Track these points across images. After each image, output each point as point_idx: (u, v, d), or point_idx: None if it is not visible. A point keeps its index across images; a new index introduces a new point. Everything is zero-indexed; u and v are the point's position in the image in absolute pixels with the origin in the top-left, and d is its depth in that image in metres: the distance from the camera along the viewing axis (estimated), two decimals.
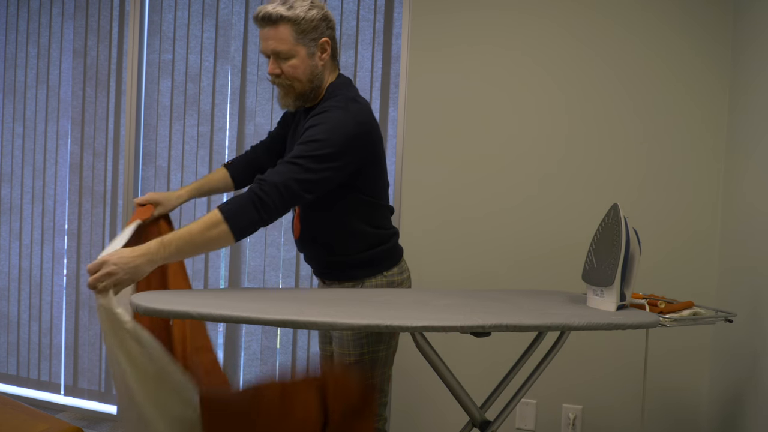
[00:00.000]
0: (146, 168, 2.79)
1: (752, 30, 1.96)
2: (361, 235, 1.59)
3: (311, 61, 1.50)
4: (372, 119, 1.53)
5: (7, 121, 3.02)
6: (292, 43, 1.46)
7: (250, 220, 1.36)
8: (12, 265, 3.02)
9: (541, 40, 2.28)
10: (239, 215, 1.34)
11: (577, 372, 2.27)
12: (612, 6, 2.22)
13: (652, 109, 2.20)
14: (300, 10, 1.45)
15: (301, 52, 1.48)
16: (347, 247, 1.60)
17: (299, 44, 1.47)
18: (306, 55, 1.49)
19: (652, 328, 1.40)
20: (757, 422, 1.75)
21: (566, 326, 1.31)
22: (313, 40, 1.49)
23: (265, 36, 1.47)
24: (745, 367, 1.87)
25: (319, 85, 1.54)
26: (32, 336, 2.98)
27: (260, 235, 2.64)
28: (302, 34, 1.47)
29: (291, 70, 1.49)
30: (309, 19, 1.46)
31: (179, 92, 2.74)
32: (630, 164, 2.22)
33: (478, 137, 2.34)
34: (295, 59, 1.48)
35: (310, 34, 1.48)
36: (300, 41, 1.47)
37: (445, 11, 2.36)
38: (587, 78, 2.25)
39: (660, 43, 2.18)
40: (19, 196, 3.00)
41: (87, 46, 2.86)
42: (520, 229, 2.32)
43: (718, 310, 1.58)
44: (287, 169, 1.39)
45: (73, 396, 2.91)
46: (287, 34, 1.45)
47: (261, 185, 1.37)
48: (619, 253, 1.46)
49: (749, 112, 1.96)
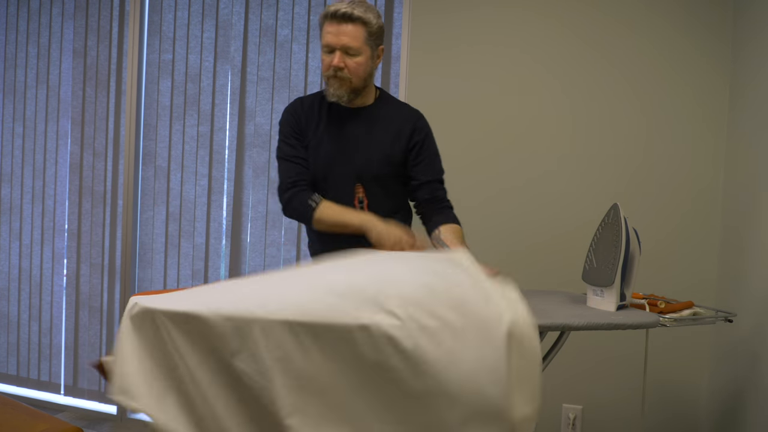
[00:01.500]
0: (146, 168, 2.79)
1: (752, 28, 1.96)
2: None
3: (371, 63, 1.67)
4: None
5: (7, 121, 3.02)
6: (363, 42, 1.61)
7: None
8: (12, 265, 3.02)
9: (541, 38, 2.28)
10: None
11: (577, 372, 2.27)
12: (612, 4, 2.22)
13: (652, 109, 2.20)
14: (372, 16, 1.63)
15: (366, 53, 1.64)
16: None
17: (367, 45, 1.63)
18: (369, 56, 1.65)
19: (652, 328, 1.40)
20: (757, 422, 1.75)
21: (566, 326, 1.31)
22: (377, 45, 1.67)
23: (339, 31, 1.59)
24: (744, 367, 1.87)
25: (367, 85, 1.70)
26: (32, 336, 2.98)
27: (260, 235, 2.64)
28: (371, 38, 1.63)
29: (355, 66, 1.62)
30: (378, 26, 1.65)
31: (179, 92, 2.74)
32: (630, 163, 2.22)
33: (478, 137, 2.34)
34: (360, 57, 1.62)
35: (376, 39, 1.66)
36: (368, 43, 1.63)
37: (445, 11, 2.36)
38: (586, 76, 2.25)
39: (660, 41, 2.18)
40: (19, 196, 3.00)
41: (87, 46, 2.86)
42: (520, 229, 2.32)
43: (718, 310, 1.58)
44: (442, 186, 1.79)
45: (73, 396, 2.91)
46: (361, 33, 1.60)
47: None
48: (619, 253, 1.46)
49: (749, 110, 1.96)
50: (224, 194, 2.71)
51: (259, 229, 2.65)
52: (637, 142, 2.21)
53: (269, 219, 2.63)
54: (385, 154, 1.70)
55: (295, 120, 1.75)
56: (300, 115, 1.75)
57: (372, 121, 1.72)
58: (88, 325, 2.88)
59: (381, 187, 1.72)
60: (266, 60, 2.61)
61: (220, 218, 2.72)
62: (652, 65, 2.19)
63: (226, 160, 2.69)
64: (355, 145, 1.70)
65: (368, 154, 1.70)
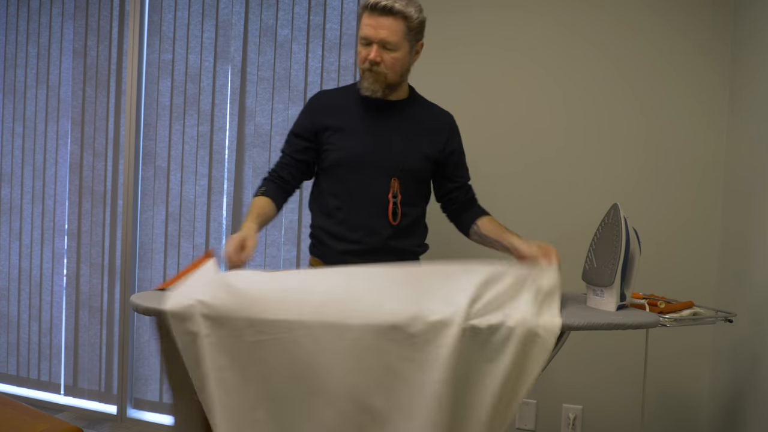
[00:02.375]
0: (146, 168, 2.79)
1: (752, 28, 1.96)
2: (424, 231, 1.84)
3: (409, 58, 1.62)
4: None
5: (7, 121, 3.02)
6: (402, 37, 1.56)
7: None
8: (12, 265, 3.02)
9: (539, 38, 2.28)
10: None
11: (577, 372, 2.27)
12: (612, 3, 2.21)
13: (652, 108, 2.20)
14: (413, 10, 1.56)
15: (405, 48, 1.59)
16: (420, 240, 1.81)
17: (406, 40, 1.57)
18: (408, 51, 1.60)
19: (652, 328, 1.40)
20: (758, 422, 1.75)
21: (566, 326, 1.31)
22: (417, 40, 1.62)
23: (378, 24, 1.53)
24: (745, 367, 1.87)
25: (403, 81, 1.67)
26: (32, 336, 2.98)
27: (260, 235, 2.63)
28: (410, 32, 1.57)
29: (393, 61, 1.57)
30: (419, 20, 1.58)
31: (179, 92, 2.74)
32: (630, 163, 2.22)
33: (476, 138, 2.34)
34: (398, 52, 1.57)
35: (416, 35, 1.60)
36: (407, 38, 1.57)
37: (445, 10, 2.36)
38: (585, 76, 2.24)
39: (659, 41, 2.18)
40: (19, 196, 3.00)
41: (87, 46, 2.86)
42: (520, 229, 2.32)
43: (718, 310, 1.58)
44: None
45: (73, 396, 2.91)
46: (400, 28, 1.54)
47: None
48: (619, 253, 1.46)
49: (749, 109, 1.95)
50: (224, 194, 2.71)
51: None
52: (637, 141, 2.21)
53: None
54: (422, 151, 1.69)
55: (309, 118, 1.72)
56: (318, 111, 1.71)
57: (408, 117, 1.71)
58: (88, 325, 2.88)
59: (414, 183, 1.71)
60: (266, 60, 2.61)
61: (220, 218, 2.72)
62: (651, 65, 2.19)
63: (226, 160, 2.69)
64: (392, 138, 1.68)
65: (406, 149, 1.68)
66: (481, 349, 1.22)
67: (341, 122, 1.68)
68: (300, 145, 1.74)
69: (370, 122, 1.68)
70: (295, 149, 1.74)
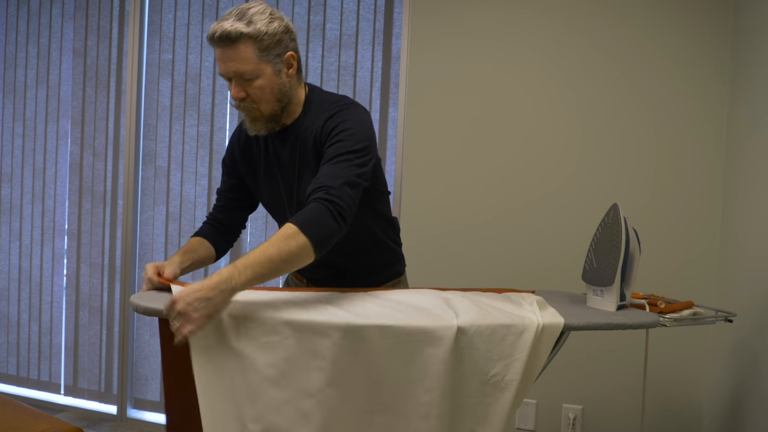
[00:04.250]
0: (146, 168, 2.79)
1: (752, 27, 1.96)
2: (381, 247, 1.58)
3: (278, 80, 1.35)
4: None
5: (7, 121, 3.02)
6: (256, 62, 1.31)
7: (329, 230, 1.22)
8: (12, 265, 3.02)
9: (539, 37, 2.28)
10: (316, 223, 1.20)
11: (577, 372, 2.27)
12: (612, 3, 2.21)
13: (652, 108, 2.20)
14: (261, 24, 1.29)
15: (266, 71, 1.33)
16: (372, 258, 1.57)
17: (264, 62, 1.32)
18: (272, 73, 1.34)
19: (652, 328, 1.40)
20: (758, 422, 1.75)
21: (566, 326, 1.31)
22: (278, 56, 1.34)
23: (225, 57, 1.30)
24: (745, 367, 1.87)
25: (288, 103, 1.40)
26: (32, 336, 2.98)
27: (260, 235, 2.64)
28: (266, 51, 1.31)
29: (258, 92, 1.34)
30: (271, 33, 1.31)
31: (179, 92, 2.74)
32: (630, 163, 2.22)
33: (478, 137, 2.34)
34: (260, 79, 1.33)
35: (274, 49, 1.33)
36: (264, 59, 1.32)
37: (445, 10, 2.36)
38: (585, 75, 2.25)
39: (660, 40, 2.18)
40: (19, 196, 3.00)
41: (87, 46, 2.86)
42: (520, 228, 2.32)
43: (718, 310, 1.58)
44: (340, 167, 1.27)
45: (73, 396, 2.91)
46: (250, 52, 1.29)
47: (328, 191, 1.23)
48: (619, 253, 1.46)
49: (749, 109, 1.95)
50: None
51: (258, 229, 2.65)
52: (637, 141, 2.21)
53: (269, 219, 2.63)
54: (313, 174, 1.41)
55: (230, 153, 1.57)
56: (235, 145, 1.55)
57: (296, 140, 1.44)
58: (88, 325, 2.88)
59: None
60: None
61: None
62: (651, 64, 2.19)
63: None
64: (282, 171, 1.47)
65: (295, 179, 1.45)
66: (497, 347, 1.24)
67: (252, 167, 1.54)
68: (228, 182, 1.60)
69: (265, 160, 1.50)
70: (226, 187, 1.60)
